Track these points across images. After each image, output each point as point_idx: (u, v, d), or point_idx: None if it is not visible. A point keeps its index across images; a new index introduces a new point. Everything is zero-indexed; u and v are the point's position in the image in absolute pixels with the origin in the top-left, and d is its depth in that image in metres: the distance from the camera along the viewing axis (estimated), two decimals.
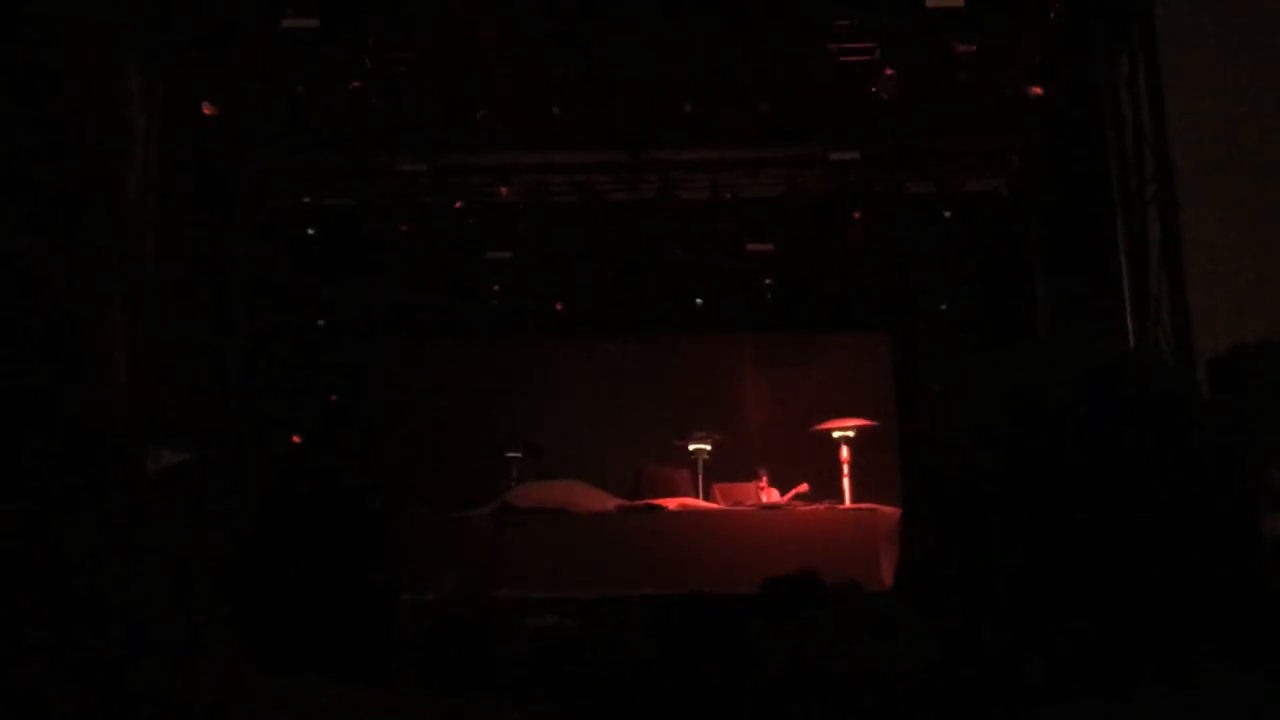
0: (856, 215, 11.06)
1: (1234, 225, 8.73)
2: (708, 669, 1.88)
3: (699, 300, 12.55)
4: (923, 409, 11.38)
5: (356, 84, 9.58)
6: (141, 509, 0.77)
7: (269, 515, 1.09)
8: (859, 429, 10.41)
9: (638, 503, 10.00)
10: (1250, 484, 0.80)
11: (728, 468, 11.04)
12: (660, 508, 9.72)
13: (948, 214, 10.98)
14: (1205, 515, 0.78)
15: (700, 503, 10.27)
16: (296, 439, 11.19)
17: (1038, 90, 9.75)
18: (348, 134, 10.05)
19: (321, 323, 12.17)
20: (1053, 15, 9.27)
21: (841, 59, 9.45)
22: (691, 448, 11.03)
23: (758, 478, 10.60)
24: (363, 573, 1.11)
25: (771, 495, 10.41)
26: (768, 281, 12.37)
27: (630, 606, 6.51)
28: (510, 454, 11.29)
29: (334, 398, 11.36)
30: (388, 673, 1.11)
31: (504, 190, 10.97)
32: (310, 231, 11.27)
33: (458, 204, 11.00)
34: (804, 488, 10.40)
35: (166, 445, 8.32)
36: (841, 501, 10.08)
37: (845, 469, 10.36)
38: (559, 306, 12.62)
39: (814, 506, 9.95)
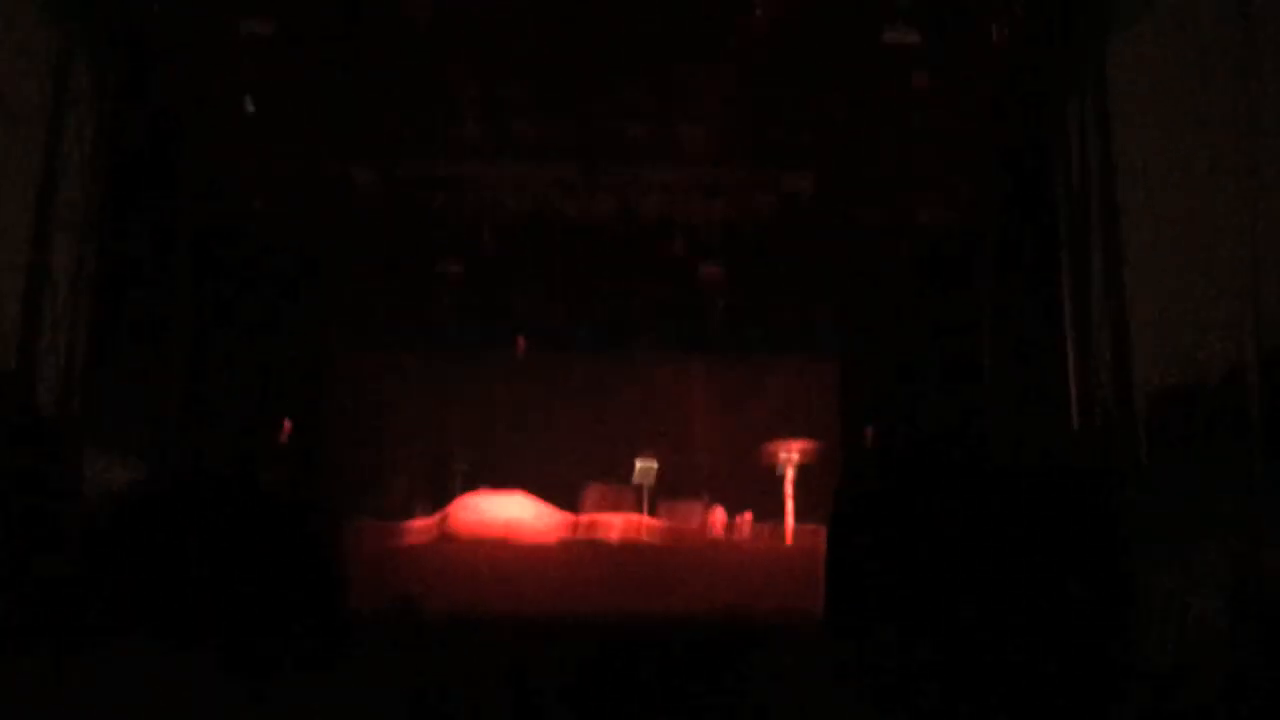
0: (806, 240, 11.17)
1: (1183, 256, 8.85)
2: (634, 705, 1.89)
3: (648, 323, 12.55)
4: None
5: (311, 90, 9.51)
6: None
7: (209, 528, 1.10)
8: (804, 452, 10.47)
9: (579, 532, 10.04)
10: (1115, 570, 0.83)
11: (674, 487, 11.07)
12: (602, 541, 9.79)
13: (896, 241, 11.10)
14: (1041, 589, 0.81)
15: (645, 521, 10.29)
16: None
17: (990, 124, 9.89)
18: (301, 141, 9.97)
19: (271, 330, 12.01)
20: (1006, 52, 9.39)
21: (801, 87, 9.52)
22: (638, 466, 11.04)
23: (708, 507, 10.68)
24: (305, 585, 1.13)
25: (719, 524, 10.51)
26: (718, 304, 12.38)
27: (562, 637, 6.52)
28: (456, 465, 11.27)
29: (288, 422, 11.16)
30: (333, 676, 1.13)
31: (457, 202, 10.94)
32: (258, 240, 11.14)
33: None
34: (748, 516, 10.52)
35: (111, 453, 8.24)
36: (783, 522, 10.15)
37: (789, 490, 10.43)
38: (509, 322, 12.54)
39: (755, 540, 10.07)
